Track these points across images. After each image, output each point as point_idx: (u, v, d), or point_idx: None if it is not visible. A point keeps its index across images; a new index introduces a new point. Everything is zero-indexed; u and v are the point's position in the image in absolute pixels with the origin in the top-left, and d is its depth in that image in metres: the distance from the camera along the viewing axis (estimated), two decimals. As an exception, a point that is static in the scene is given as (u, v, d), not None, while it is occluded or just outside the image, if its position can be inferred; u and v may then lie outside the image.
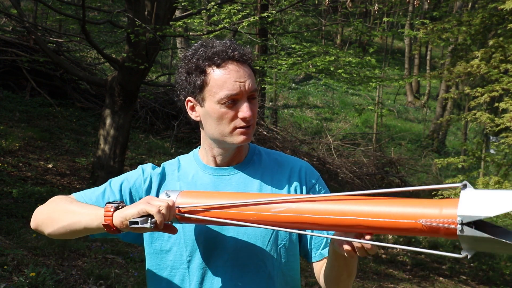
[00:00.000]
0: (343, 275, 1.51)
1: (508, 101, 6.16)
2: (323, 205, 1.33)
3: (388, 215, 1.25)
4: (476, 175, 7.50)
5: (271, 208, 1.36)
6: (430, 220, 1.20)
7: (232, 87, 1.47)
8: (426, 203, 1.23)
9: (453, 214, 1.18)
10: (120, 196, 1.59)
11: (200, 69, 1.50)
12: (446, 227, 1.19)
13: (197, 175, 1.60)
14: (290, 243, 1.57)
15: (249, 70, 1.52)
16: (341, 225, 1.30)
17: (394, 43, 23.85)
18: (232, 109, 1.49)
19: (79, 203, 1.51)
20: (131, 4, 6.57)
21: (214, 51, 1.49)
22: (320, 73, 7.63)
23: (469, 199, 1.18)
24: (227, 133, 1.50)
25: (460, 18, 7.77)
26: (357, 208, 1.29)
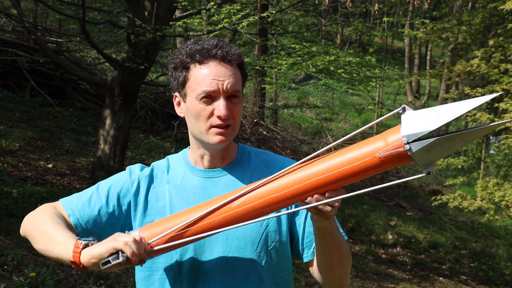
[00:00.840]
0: (334, 259, 1.51)
1: (508, 101, 6.16)
2: (279, 181, 1.35)
3: (338, 166, 1.28)
4: (476, 175, 7.49)
5: (232, 205, 1.38)
6: (378, 153, 1.24)
7: (210, 84, 1.48)
8: (372, 140, 1.27)
9: (398, 138, 1.22)
10: (107, 202, 1.58)
11: (183, 65, 1.52)
12: (396, 152, 1.22)
13: (186, 177, 1.60)
14: (280, 244, 1.57)
15: (233, 70, 1.51)
16: (300, 192, 1.33)
17: (394, 43, 23.85)
18: (209, 106, 1.49)
19: (58, 226, 1.49)
20: (131, 4, 6.57)
21: (197, 48, 1.51)
22: (320, 73, 7.63)
23: (409, 120, 1.22)
24: (204, 131, 1.51)
25: (460, 18, 7.77)
26: (309, 172, 1.32)
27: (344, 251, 1.52)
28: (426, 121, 1.21)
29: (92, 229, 1.58)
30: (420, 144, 1.20)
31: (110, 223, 1.59)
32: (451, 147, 1.22)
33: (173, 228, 1.41)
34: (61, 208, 1.60)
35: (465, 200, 6.49)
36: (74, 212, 1.58)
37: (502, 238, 10.50)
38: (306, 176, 1.32)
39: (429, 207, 11.03)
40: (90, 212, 1.57)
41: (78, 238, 1.42)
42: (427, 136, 1.21)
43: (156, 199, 1.59)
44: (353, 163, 1.27)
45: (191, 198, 1.57)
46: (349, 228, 8.91)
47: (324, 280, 1.57)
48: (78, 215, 1.57)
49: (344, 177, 1.29)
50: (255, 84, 11.22)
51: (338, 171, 1.29)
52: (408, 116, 1.23)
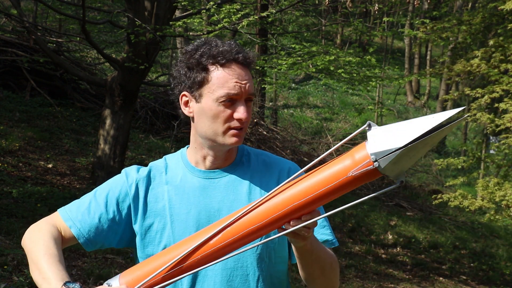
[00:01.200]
0: (315, 272, 1.52)
1: (508, 101, 6.15)
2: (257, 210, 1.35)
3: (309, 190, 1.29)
4: (476, 175, 7.49)
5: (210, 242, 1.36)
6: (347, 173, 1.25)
7: (233, 87, 1.48)
8: (340, 160, 1.28)
9: (365, 155, 1.23)
10: (106, 209, 1.57)
11: (203, 66, 1.50)
12: (366, 170, 1.24)
13: (185, 178, 1.59)
14: (280, 245, 1.58)
15: (249, 74, 1.53)
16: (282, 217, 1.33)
17: (394, 43, 23.85)
18: (229, 109, 1.49)
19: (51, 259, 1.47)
20: (131, 4, 6.57)
21: (219, 50, 1.50)
22: (320, 72, 7.63)
23: (375, 137, 1.23)
24: (220, 133, 1.51)
25: (460, 18, 7.77)
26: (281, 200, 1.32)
27: (326, 264, 1.53)
28: (392, 139, 1.21)
29: (94, 237, 1.58)
30: (388, 159, 1.21)
31: (113, 229, 1.58)
32: (417, 153, 1.24)
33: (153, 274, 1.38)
34: (61, 220, 1.58)
35: (466, 200, 6.49)
36: (74, 223, 1.57)
37: (502, 238, 10.50)
38: (281, 204, 1.33)
39: (429, 207, 11.03)
40: (91, 221, 1.57)
41: (64, 283, 1.40)
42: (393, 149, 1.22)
43: (155, 200, 1.59)
44: (326, 185, 1.28)
45: (190, 199, 1.56)
46: (349, 228, 8.91)
47: (309, 286, 1.60)
48: (79, 225, 1.57)
49: (317, 199, 1.30)
50: (255, 84, 11.21)
51: (312, 196, 1.30)
52: (373, 133, 1.24)
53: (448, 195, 6.73)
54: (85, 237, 1.57)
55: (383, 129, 1.24)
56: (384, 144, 1.21)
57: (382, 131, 1.24)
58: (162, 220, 1.56)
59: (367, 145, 1.24)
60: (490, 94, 6.37)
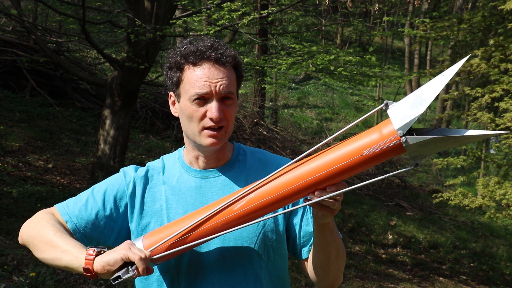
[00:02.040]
0: (331, 256, 1.52)
1: (509, 101, 6.15)
2: (278, 180, 1.37)
3: (336, 161, 1.31)
4: (476, 175, 7.48)
5: (234, 207, 1.39)
6: (374, 147, 1.27)
7: (202, 86, 1.48)
8: (366, 134, 1.30)
9: (392, 131, 1.26)
10: (103, 205, 1.58)
11: (177, 66, 1.53)
12: (392, 145, 1.26)
13: (182, 178, 1.60)
14: (277, 243, 1.58)
15: (227, 72, 1.51)
16: (301, 190, 1.35)
17: (394, 43, 23.84)
18: (202, 108, 1.49)
19: (63, 235, 1.48)
20: (131, 4, 6.57)
21: (191, 49, 1.51)
22: (320, 72, 7.62)
23: (395, 112, 1.26)
24: (196, 133, 1.51)
25: (461, 16, 7.76)
26: (308, 169, 1.34)
27: (340, 247, 1.54)
28: (411, 109, 1.25)
29: (90, 233, 1.58)
30: (417, 139, 1.24)
31: (109, 226, 1.58)
32: (444, 146, 1.26)
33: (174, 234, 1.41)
34: (58, 214, 1.59)
35: (466, 198, 6.48)
36: (71, 217, 1.57)
37: (502, 238, 10.49)
38: (306, 173, 1.34)
39: (429, 207, 11.03)
40: (88, 217, 1.57)
41: (89, 246, 1.41)
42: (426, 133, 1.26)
43: (152, 200, 1.59)
44: (351, 157, 1.30)
45: (187, 199, 1.57)
46: (349, 228, 8.91)
47: (319, 277, 1.58)
48: (76, 220, 1.57)
49: (344, 171, 1.32)
50: (255, 84, 11.22)
51: (339, 166, 1.31)
52: (393, 110, 1.28)
53: (448, 194, 6.72)
54: (81, 232, 1.57)
55: (401, 103, 1.27)
56: (406, 116, 1.25)
57: (400, 105, 1.27)
58: (159, 220, 1.56)
59: (393, 121, 1.27)
60: (490, 93, 6.36)
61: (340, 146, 1.32)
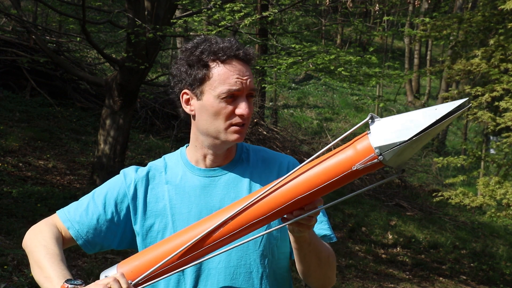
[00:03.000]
0: (312, 264, 1.52)
1: (509, 100, 6.15)
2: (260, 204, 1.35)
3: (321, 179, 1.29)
4: (476, 174, 7.48)
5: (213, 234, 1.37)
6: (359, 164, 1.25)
7: (234, 83, 1.48)
8: (342, 150, 1.29)
9: (367, 147, 1.24)
10: (104, 210, 1.57)
11: (203, 63, 1.50)
12: (371, 164, 1.24)
13: (186, 177, 1.59)
14: (281, 241, 1.58)
15: (250, 70, 1.53)
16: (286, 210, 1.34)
17: (394, 43, 23.84)
18: (231, 105, 1.49)
19: (52, 259, 1.48)
20: (131, 4, 6.57)
21: (220, 46, 1.51)
22: (320, 71, 7.62)
23: (378, 130, 1.23)
24: (222, 129, 1.51)
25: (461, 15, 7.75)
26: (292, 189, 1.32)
27: (323, 256, 1.53)
28: (396, 132, 1.21)
29: (93, 238, 1.58)
30: (392, 152, 1.22)
31: (111, 230, 1.58)
32: (420, 144, 1.24)
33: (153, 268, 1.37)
34: (59, 221, 1.59)
35: (467, 197, 6.48)
36: (73, 224, 1.57)
37: (502, 238, 10.49)
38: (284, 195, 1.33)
39: (429, 207, 11.03)
40: (89, 222, 1.57)
41: (66, 281, 1.39)
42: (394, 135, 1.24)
43: (155, 200, 1.58)
44: (330, 177, 1.29)
45: (191, 198, 1.56)
46: (349, 228, 8.91)
47: (305, 280, 1.60)
48: (78, 226, 1.57)
49: (321, 191, 1.32)
50: (255, 84, 11.20)
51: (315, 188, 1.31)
52: (377, 126, 1.25)
53: (449, 193, 6.72)
54: (83, 238, 1.57)
55: (386, 121, 1.24)
56: (389, 138, 1.22)
57: (385, 124, 1.23)
58: (163, 220, 1.56)
59: (370, 138, 1.24)
60: (491, 92, 6.36)
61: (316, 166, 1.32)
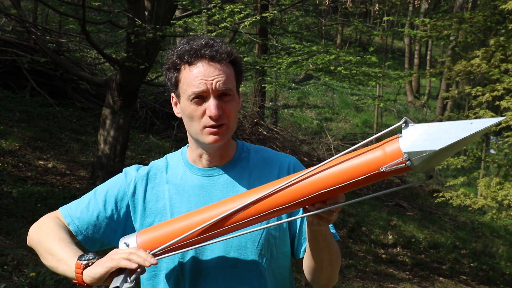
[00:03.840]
0: (325, 259, 1.52)
1: (510, 100, 6.14)
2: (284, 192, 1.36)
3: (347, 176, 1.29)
4: (476, 175, 7.48)
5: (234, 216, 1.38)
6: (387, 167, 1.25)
7: (198, 85, 1.48)
8: (371, 150, 1.29)
9: (397, 151, 1.24)
10: (104, 207, 1.59)
11: (175, 66, 1.52)
12: (399, 168, 1.24)
13: (186, 176, 1.60)
14: (280, 241, 1.58)
15: (223, 69, 1.50)
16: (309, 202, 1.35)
17: (394, 43, 23.84)
18: (201, 107, 1.49)
19: (61, 242, 1.50)
20: (131, 4, 6.56)
21: (186, 49, 1.51)
22: (320, 71, 7.62)
23: (409, 135, 1.23)
24: (198, 132, 1.51)
25: (462, 15, 7.75)
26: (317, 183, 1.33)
27: (334, 251, 1.54)
28: (427, 141, 1.21)
29: (92, 235, 1.59)
30: (421, 158, 1.21)
31: (111, 227, 1.59)
32: (450, 153, 1.24)
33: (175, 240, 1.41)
34: (61, 216, 1.61)
35: (468, 199, 6.48)
36: (73, 220, 1.59)
37: (502, 238, 10.49)
38: (309, 189, 1.34)
39: (429, 207, 11.03)
40: (89, 219, 1.59)
41: (78, 258, 1.43)
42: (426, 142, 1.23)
43: (155, 199, 1.59)
44: (356, 176, 1.29)
45: (191, 198, 1.57)
46: (349, 228, 8.91)
47: (313, 278, 1.59)
48: (78, 222, 1.59)
49: (345, 188, 1.32)
50: (255, 84, 11.22)
51: (341, 184, 1.31)
52: (409, 131, 1.24)
53: (450, 194, 6.72)
54: (83, 234, 1.59)
55: (419, 127, 1.23)
56: (419, 144, 1.21)
57: (418, 130, 1.23)
58: (163, 219, 1.56)
59: (401, 142, 1.24)
60: (491, 92, 6.36)
61: (344, 162, 1.32)
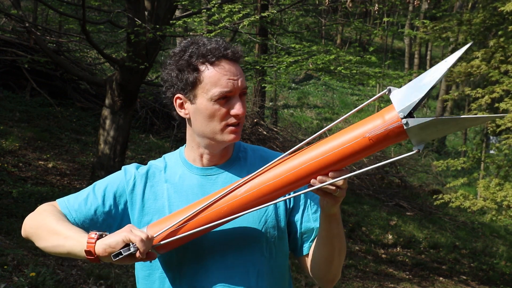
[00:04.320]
0: (335, 250, 1.52)
1: (509, 101, 6.15)
2: (282, 167, 1.39)
3: (339, 144, 1.32)
4: (476, 176, 7.49)
5: (237, 193, 1.42)
6: (376, 130, 1.29)
7: (226, 84, 1.48)
8: (369, 120, 1.32)
9: (394, 115, 1.28)
10: (103, 202, 1.59)
11: (193, 66, 1.50)
12: (393, 127, 1.28)
13: (184, 175, 1.61)
14: (279, 239, 1.58)
15: (240, 68, 1.53)
16: (304, 175, 1.36)
17: (394, 43, 23.84)
18: (224, 106, 1.50)
19: (65, 223, 1.51)
20: (131, 4, 6.56)
21: (207, 48, 1.50)
22: (320, 71, 7.62)
23: (398, 97, 1.29)
24: (217, 131, 1.51)
25: (461, 18, 7.76)
26: (311, 154, 1.36)
27: (343, 242, 1.55)
28: (413, 92, 1.27)
29: (88, 228, 1.58)
30: (417, 121, 1.25)
31: (107, 223, 1.59)
32: (445, 129, 1.28)
33: (177, 221, 1.43)
34: (58, 207, 1.61)
35: (468, 200, 6.48)
36: (70, 211, 1.59)
37: (502, 238, 10.50)
38: (309, 158, 1.36)
39: (429, 207, 11.03)
40: (87, 212, 1.59)
41: (91, 230, 1.44)
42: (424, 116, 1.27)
43: (154, 198, 1.60)
44: (353, 140, 1.31)
45: (189, 197, 1.57)
46: (349, 228, 8.91)
47: (322, 272, 1.58)
48: (75, 214, 1.59)
49: (345, 156, 1.33)
50: (255, 84, 11.22)
51: (340, 149, 1.32)
52: (396, 94, 1.30)
53: (449, 196, 6.73)
54: (79, 226, 1.58)
55: (402, 89, 1.29)
56: (407, 98, 1.27)
57: (402, 91, 1.29)
58: (161, 218, 1.57)
59: (394, 105, 1.29)
60: (491, 94, 6.37)
61: (342, 132, 1.34)
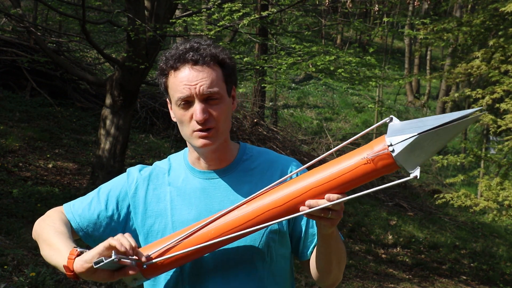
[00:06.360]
0: (333, 261, 1.53)
1: (509, 102, 6.15)
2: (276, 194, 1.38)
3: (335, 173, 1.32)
4: (476, 174, 7.49)
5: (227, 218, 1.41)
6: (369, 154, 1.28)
7: (182, 90, 1.48)
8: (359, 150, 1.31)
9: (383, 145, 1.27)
10: (106, 206, 1.60)
11: (163, 72, 1.53)
12: (381, 154, 1.26)
13: (187, 179, 1.60)
14: (280, 244, 1.58)
15: (208, 72, 1.49)
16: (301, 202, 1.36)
17: (394, 43, 23.84)
18: (188, 112, 1.50)
19: (60, 235, 1.52)
20: (131, 4, 6.56)
21: (171, 54, 1.51)
22: (320, 72, 7.62)
23: (394, 128, 1.28)
24: (189, 135, 1.52)
25: (460, 19, 7.76)
26: (307, 182, 1.35)
27: (342, 253, 1.55)
28: (409, 129, 1.25)
29: (93, 232, 1.60)
30: (402, 145, 1.24)
31: (111, 227, 1.60)
32: (431, 146, 1.26)
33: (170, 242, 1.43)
34: (64, 212, 1.64)
35: (469, 199, 6.48)
36: (74, 216, 1.61)
37: (502, 238, 10.49)
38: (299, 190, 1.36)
39: (429, 207, 11.03)
40: (90, 216, 1.60)
41: (74, 246, 1.44)
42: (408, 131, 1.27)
43: (157, 201, 1.60)
44: (343, 173, 1.31)
45: (192, 200, 1.57)
46: (349, 228, 8.91)
47: (320, 279, 1.59)
48: (78, 219, 1.61)
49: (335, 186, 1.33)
50: (255, 84, 11.22)
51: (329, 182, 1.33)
52: (393, 125, 1.29)
53: (450, 195, 6.72)
54: (83, 231, 1.60)
55: (403, 122, 1.28)
56: (401, 132, 1.26)
57: (402, 124, 1.28)
58: (163, 221, 1.57)
59: (386, 136, 1.28)
60: (491, 95, 6.37)
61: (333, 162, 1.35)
